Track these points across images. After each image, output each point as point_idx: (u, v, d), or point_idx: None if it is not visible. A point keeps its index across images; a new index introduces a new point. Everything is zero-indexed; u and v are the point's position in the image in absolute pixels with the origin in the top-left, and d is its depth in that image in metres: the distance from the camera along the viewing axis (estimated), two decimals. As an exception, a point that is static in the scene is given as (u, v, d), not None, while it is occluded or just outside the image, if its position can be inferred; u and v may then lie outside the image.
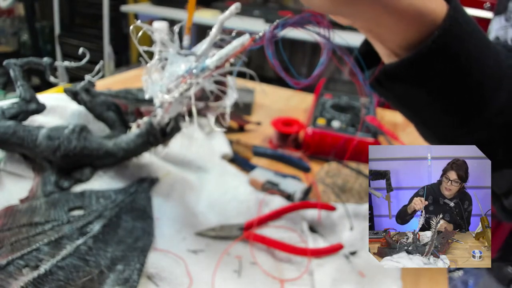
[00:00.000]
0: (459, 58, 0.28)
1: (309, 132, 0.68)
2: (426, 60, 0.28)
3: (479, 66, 0.29)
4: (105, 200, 0.47)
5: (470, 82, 0.29)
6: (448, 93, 0.29)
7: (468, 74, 0.28)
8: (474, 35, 0.29)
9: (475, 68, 0.28)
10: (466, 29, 0.28)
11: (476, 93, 0.29)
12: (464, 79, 0.29)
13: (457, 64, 0.28)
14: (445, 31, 0.27)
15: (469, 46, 0.28)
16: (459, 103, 0.30)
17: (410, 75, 0.29)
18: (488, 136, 0.30)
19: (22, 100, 0.52)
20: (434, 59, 0.28)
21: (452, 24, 0.27)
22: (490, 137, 0.30)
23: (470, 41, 0.28)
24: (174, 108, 0.44)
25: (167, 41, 0.41)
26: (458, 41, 0.28)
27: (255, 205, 0.53)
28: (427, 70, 0.28)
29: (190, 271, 0.42)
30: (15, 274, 0.35)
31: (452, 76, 0.28)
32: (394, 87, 0.31)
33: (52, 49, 2.65)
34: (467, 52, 0.28)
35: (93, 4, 2.38)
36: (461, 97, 0.29)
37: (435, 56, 0.27)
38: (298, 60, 2.46)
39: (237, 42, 0.37)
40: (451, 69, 0.28)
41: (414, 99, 0.31)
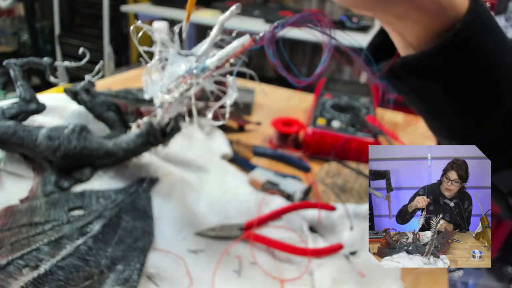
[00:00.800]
0: (479, 52, 0.28)
1: (309, 132, 0.68)
2: (447, 53, 0.27)
3: (499, 62, 0.28)
4: (105, 200, 0.47)
5: (488, 77, 0.28)
6: (466, 87, 0.29)
7: (487, 69, 0.28)
8: (494, 30, 0.28)
9: (494, 63, 0.28)
10: (488, 23, 0.28)
11: (493, 90, 0.29)
12: (483, 74, 0.28)
13: (477, 58, 0.28)
14: (467, 24, 0.26)
15: (490, 40, 0.28)
16: (475, 99, 0.29)
17: (429, 68, 0.29)
18: (501, 135, 0.30)
19: (22, 100, 0.52)
20: (454, 52, 0.27)
21: (474, 17, 0.27)
22: (503, 135, 0.30)
23: (491, 36, 0.28)
24: (174, 108, 0.44)
25: (167, 41, 0.41)
26: (479, 35, 0.27)
27: (255, 205, 0.53)
28: (446, 63, 0.28)
29: (190, 271, 0.42)
30: (15, 274, 0.35)
31: (471, 70, 0.28)
32: (411, 80, 0.31)
33: (52, 49, 2.65)
34: (488, 47, 0.28)
35: (93, 4, 2.38)
36: (478, 93, 0.29)
37: (456, 49, 0.27)
38: (298, 60, 2.46)
39: (238, 42, 0.37)
40: (471, 63, 0.28)
41: (430, 92, 0.31)
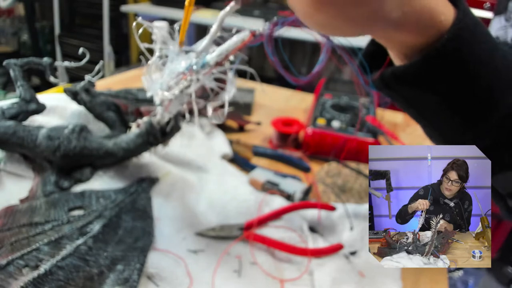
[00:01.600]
0: (468, 61, 0.28)
1: (309, 132, 0.68)
2: (435, 63, 0.28)
3: (488, 69, 0.29)
4: (105, 200, 0.47)
5: (479, 85, 0.29)
6: (456, 96, 0.29)
7: (477, 77, 0.28)
8: (483, 38, 0.28)
9: (484, 71, 0.28)
10: (475, 32, 0.28)
11: (485, 96, 0.29)
12: (473, 82, 0.28)
13: (466, 67, 0.28)
14: (454, 34, 0.27)
15: (478, 49, 0.28)
16: (467, 106, 0.29)
17: (419, 79, 0.29)
18: (496, 139, 0.30)
19: (22, 100, 0.52)
20: (443, 62, 0.27)
21: (461, 27, 0.27)
22: (498, 140, 0.30)
23: (479, 44, 0.28)
24: (174, 106, 0.44)
25: (167, 39, 0.41)
26: (467, 44, 0.27)
27: (255, 205, 0.53)
28: (435, 74, 0.28)
29: (190, 271, 0.42)
30: (15, 274, 0.35)
31: (461, 80, 0.28)
32: (402, 90, 0.31)
33: (52, 49, 2.65)
34: (477, 55, 0.28)
35: (93, 4, 2.38)
36: (470, 100, 0.29)
37: (444, 59, 0.27)
38: (298, 60, 2.46)
39: (237, 38, 0.37)
40: (460, 72, 0.28)
41: (422, 102, 0.31)
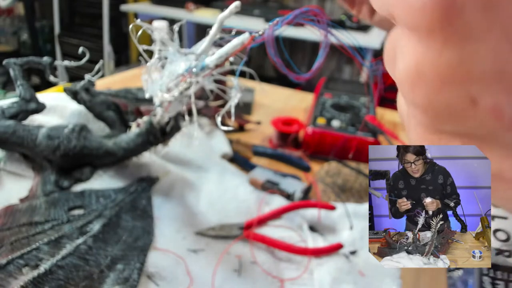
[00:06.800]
0: None
1: (309, 132, 0.68)
2: None
3: None
4: (105, 199, 0.47)
5: None
6: None
7: None
8: None
9: None
10: None
11: None
12: None
13: None
14: None
15: None
16: None
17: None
18: None
19: (22, 100, 0.52)
20: None
21: None
22: None
23: None
24: (174, 107, 0.44)
25: (166, 40, 0.41)
26: None
27: (255, 205, 0.53)
28: None
29: (190, 270, 0.42)
30: (15, 274, 0.35)
31: None
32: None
33: (52, 48, 2.65)
34: None
35: (93, 4, 2.39)
36: None
37: None
38: (298, 60, 2.46)
39: (237, 40, 0.37)
40: None
41: None
